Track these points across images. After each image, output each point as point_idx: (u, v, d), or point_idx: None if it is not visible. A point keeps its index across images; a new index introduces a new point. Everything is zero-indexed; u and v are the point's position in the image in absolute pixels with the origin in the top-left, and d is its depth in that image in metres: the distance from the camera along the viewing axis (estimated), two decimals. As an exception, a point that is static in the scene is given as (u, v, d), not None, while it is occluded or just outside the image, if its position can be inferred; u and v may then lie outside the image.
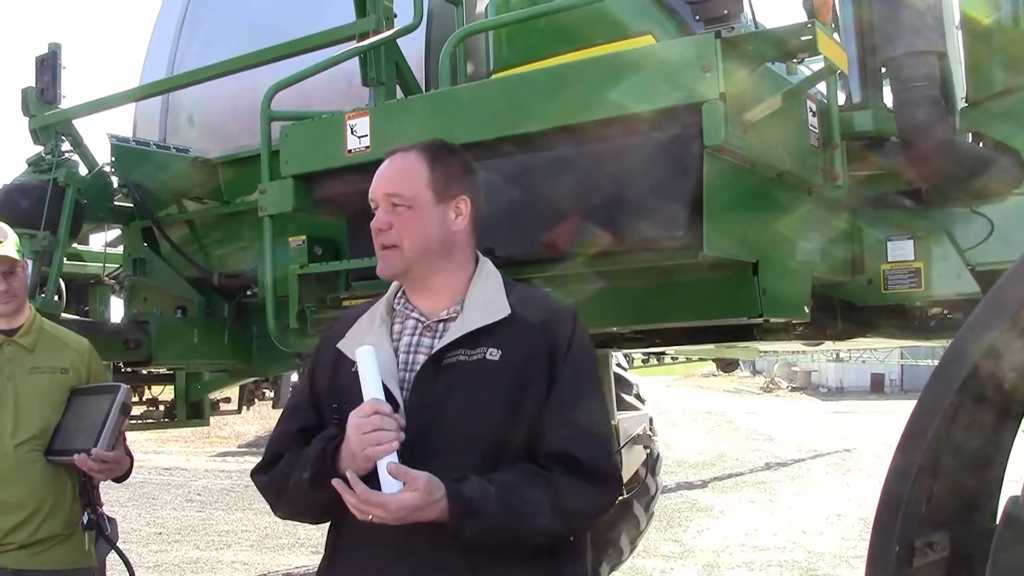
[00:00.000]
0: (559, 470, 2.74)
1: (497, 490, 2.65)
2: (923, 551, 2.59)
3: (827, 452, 24.41)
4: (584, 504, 2.80)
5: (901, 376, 54.66)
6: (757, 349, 8.41)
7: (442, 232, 2.95)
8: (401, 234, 2.92)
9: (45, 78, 7.38)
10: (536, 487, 2.70)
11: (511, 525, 2.66)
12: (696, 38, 3.79)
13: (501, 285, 2.99)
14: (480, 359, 2.82)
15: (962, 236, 4.60)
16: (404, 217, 2.92)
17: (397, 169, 3.00)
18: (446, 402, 2.81)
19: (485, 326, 2.85)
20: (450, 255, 2.98)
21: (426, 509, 2.60)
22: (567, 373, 2.84)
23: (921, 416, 2.53)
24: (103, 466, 4.34)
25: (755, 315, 4.04)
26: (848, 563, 11.64)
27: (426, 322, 2.97)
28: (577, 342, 2.89)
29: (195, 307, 7.59)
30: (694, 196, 3.69)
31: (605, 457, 2.86)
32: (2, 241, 4.43)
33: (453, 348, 2.85)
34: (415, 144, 3.05)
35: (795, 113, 4.23)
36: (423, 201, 2.93)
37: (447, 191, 2.96)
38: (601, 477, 2.81)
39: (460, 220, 2.98)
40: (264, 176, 5.02)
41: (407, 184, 2.95)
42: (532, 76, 4.42)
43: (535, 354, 2.83)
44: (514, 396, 2.79)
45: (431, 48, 6.03)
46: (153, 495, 17.68)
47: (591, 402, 2.88)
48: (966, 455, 2.64)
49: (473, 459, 2.75)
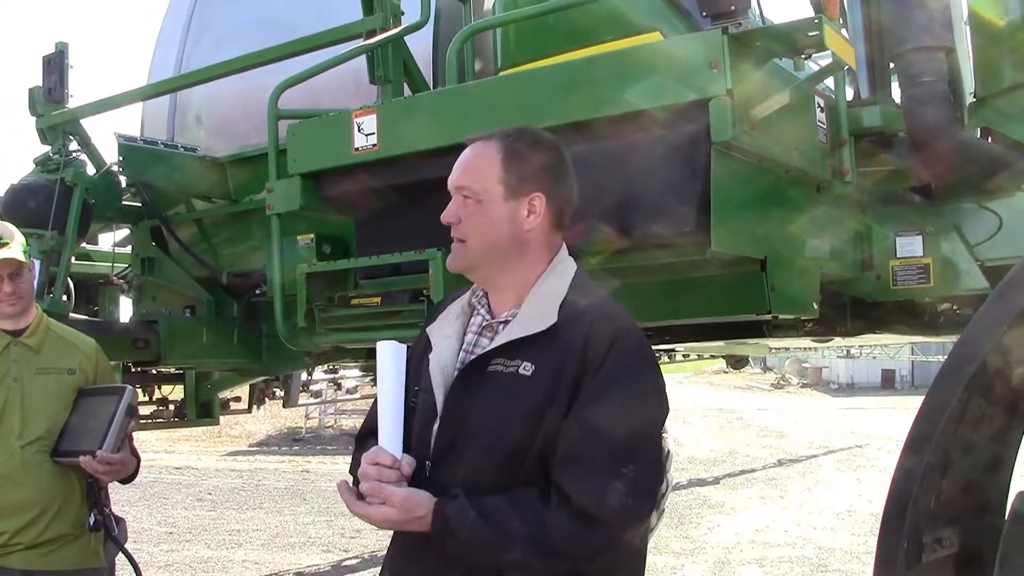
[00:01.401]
0: (554, 502, 2.56)
1: (476, 515, 2.56)
2: (932, 547, 2.58)
3: (838, 448, 24.36)
4: (566, 546, 2.53)
5: (912, 372, 54.52)
6: (767, 346, 8.40)
7: (512, 229, 2.80)
8: (467, 229, 2.82)
9: (52, 77, 7.38)
10: (522, 519, 2.55)
11: (483, 551, 2.57)
12: (703, 34, 3.79)
13: (564, 288, 2.79)
14: (514, 372, 2.67)
15: (971, 232, 4.59)
16: (472, 211, 2.81)
17: (470, 159, 2.88)
18: (474, 411, 2.71)
19: (529, 336, 2.69)
20: (521, 254, 2.83)
21: (410, 524, 2.61)
22: (586, 397, 2.60)
23: (930, 412, 2.52)
24: (108, 468, 4.34)
25: (764, 312, 4.03)
26: (859, 559, 11.62)
27: (488, 321, 2.87)
28: (610, 364, 2.62)
29: (204, 306, 7.59)
30: (702, 193, 3.69)
31: (603, 504, 2.53)
32: (8, 243, 4.42)
33: (496, 356, 2.72)
34: (496, 132, 2.91)
35: (803, 109, 4.23)
36: (492, 196, 2.80)
37: (520, 187, 2.81)
38: (592, 520, 2.53)
39: (533, 218, 2.81)
40: (272, 175, 5.02)
41: (476, 177, 2.83)
42: (540, 73, 4.42)
43: (566, 371, 2.63)
44: (537, 415, 2.62)
45: (439, 46, 6.02)
46: (164, 494, 17.69)
47: (606, 435, 2.58)
48: (975, 452, 2.63)
49: (491, 469, 2.65)
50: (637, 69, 3.85)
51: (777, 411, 37.16)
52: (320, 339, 5.33)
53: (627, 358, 2.67)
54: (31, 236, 6.27)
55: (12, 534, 4.28)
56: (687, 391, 46.26)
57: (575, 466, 2.57)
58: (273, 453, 25.56)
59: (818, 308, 4.33)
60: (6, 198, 6.95)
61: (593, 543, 2.56)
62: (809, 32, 3.64)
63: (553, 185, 2.85)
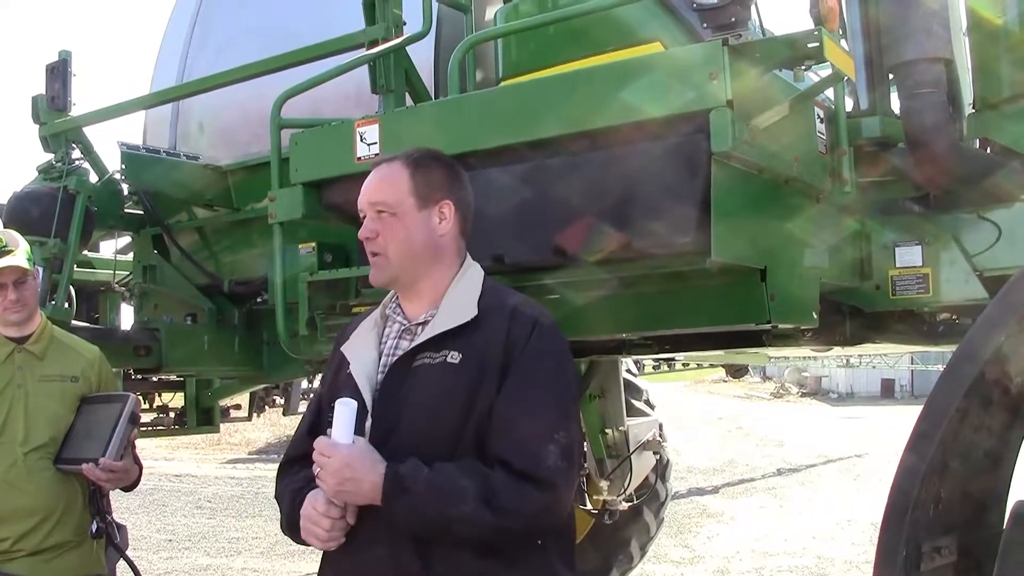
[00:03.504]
0: (498, 471, 2.77)
1: (430, 473, 2.75)
2: (931, 556, 2.59)
3: (838, 457, 24.36)
4: (515, 503, 2.74)
5: (911, 381, 54.56)
6: (767, 355, 8.40)
7: (426, 237, 3.05)
8: (387, 241, 3.03)
9: (55, 86, 7.40)
10: (470, 479, 2.75)
11: (436, 506, 2.72)
12: (704, 45, 3.80)
13: (477, 287, 3.06)
14: (442, 362, 2.91)
15: (970, 241, 4.60)
16: (389, 224, 3.04)
17: (381, 178, 3.10)
18: (407, 404, 2.92)
19: (451, 329, 2.93)
20: (436, 259, 3.08)
21: (368, 472, 2.77)
22: (514, 378, 2.86)
23: (929, 418, 2.53)
24: (111, 476, 4.35)
25: (764, 321, 4.04)
26: (859, 568, 11.63)
27: (406, 325, 3.09)
28: (532, 347, 2.90)
29: (205, 314, 7.58)
30: (702, 202, 3.70)
31: (540, 464, 2.77)
32: (13, 251, 4.44)
33: (421, 351, 2.96)
34: (398, 154, 3.17)
35: (803, 119, 4.24)
36: (406, 207, 3.03)
37: (430, 197, 3.06)
38: (535, 480, 2.76)
39: (444, 224, 3.07)
40: (274, 183, 5.03)
41: (389, 192, 3.05)
42: (541, 83, 4.44)
43: (491, 357, 2.88)
44: (469, 398, 2.86)
45: (440, 55, 6.03)
46: (163, 502, 17.67)
47: (537, 407, 2.85)
48: (975, 457, 2.65)
49: (428, 454, 2.81)
50: (638, 79, 3.86)
51: (777, 420, 37.15)
52: (321, 347, 5.35)
53: (548, 340, 2.95)
54: (34, 243, 6.29)
55: (14, 540, 4.30)
56: (687, 400, 46.21)
57: (512, 437, 2.81)
58: (273, 461, 25.45)
59: (817, 317, 4.34)
60: (9, 205, 6.97)
61: (538, 500, 2.78)
62: (809, 43, 3.65)
63: (458, 193, 3.14)
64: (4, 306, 4.44)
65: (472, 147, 4.19)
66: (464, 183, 3.19)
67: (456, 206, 3.10)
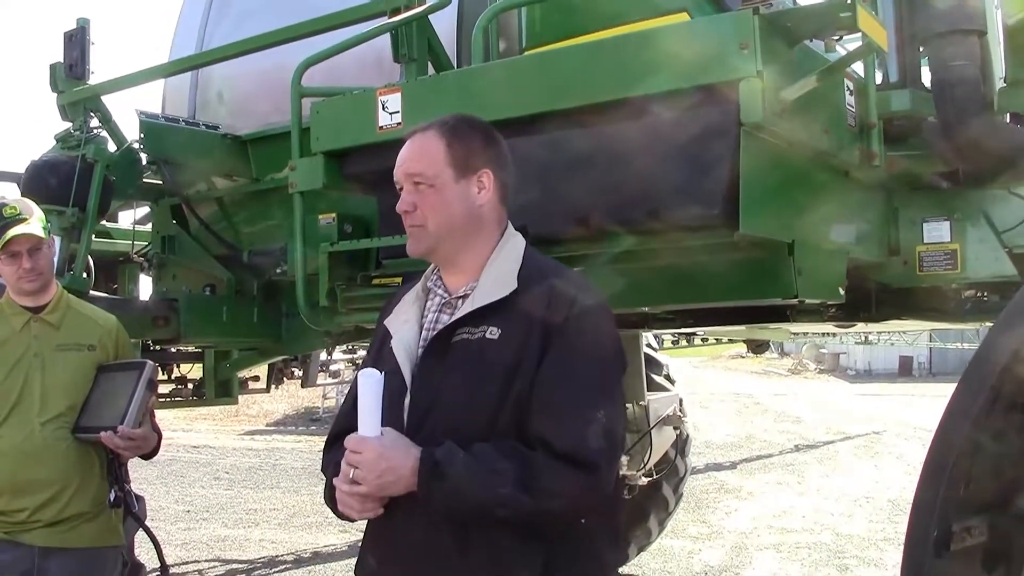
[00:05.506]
0: (539, 452, 2.71)
1: (466, 455, 2.70)
2: (961, 535, 2.56)
3: (855, 435, 24.29)
4: (555, 485, 2.67)
5: (929, 359, 54.43)
6: (788, 331, 8.35)
7: (466, 207, 2.98)
8: (425, 213, 2.96)
9: (74, 54, 7.35)
10: (509, 460, 2.69)
11: (474, 488, 2.67)
12: (734, 15, 3.74)
13: (518, 259, 2.99)
14: (480, 338, 2.85)
15: (999, 217, 4.55)
16: (427, 196, 2.96)
17: (416, 149, 3.01)
18: (445, 380, 2.87)
19: (492, 304, 2.87)
20: (477, 230, 3.01)
21: (404, 458, 2.72)
22: (554, 354, 2.78)
23: (961, 399, 2.50)
24: (130, 443, 4.34)
25: (790, 296, 3.99)
26: (876, 546, 11.61)
27: (447, 299, 3.03)
28: (573, 324, 2.81)
29: (224, 285, 7.58)
30: (730, 175, 3.64)
31: (582, 445, 2.70)
32: (27, 219, 4.41)
33: (460, 326, 2.90)
34: (433, 122, 3.06)
35: (833, 92, 4.18)
36: (444, 178, 2.96)
37: (468, 166, 2.98)
38: (577, 462, 2.68)
39: (484, 194, 3.00)
40: (295, 153, 5.00)
41: (427, 163, 2.97)
42: (567, 52, 4.38)
43: (532, 333, 2.81)
44: (508, 376, 2.79)
45: (463, 24, 5.98)
46: (181, 473, 17.76)
47: (579, 386, 2.78)
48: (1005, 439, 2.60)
49: (467, 432, 2.77)
50: (665, 49, 3.80)
51: (794, 396, 37.08)
52: (341, 319, 5.32)
53: (590, 315, 2.85)
54: (51, 213, 6.27)
55: (32, 511, 4.29)
56: (703, 376, 46.15)
57: (553, 416, 2.74)
58: (290, 433, 25.64)
59: (844, 293, 4.30)
60: (27, 174, 6.93)
61: (581, 483, 2.71)
62: (841, 13, 3.59)
63: (496, 161, 3.05)
64: (19, 275, 4.41)
65: (496, 116, 4.13)
66: (502, 149, 3.10)
67: (495, 174, 3.02)
